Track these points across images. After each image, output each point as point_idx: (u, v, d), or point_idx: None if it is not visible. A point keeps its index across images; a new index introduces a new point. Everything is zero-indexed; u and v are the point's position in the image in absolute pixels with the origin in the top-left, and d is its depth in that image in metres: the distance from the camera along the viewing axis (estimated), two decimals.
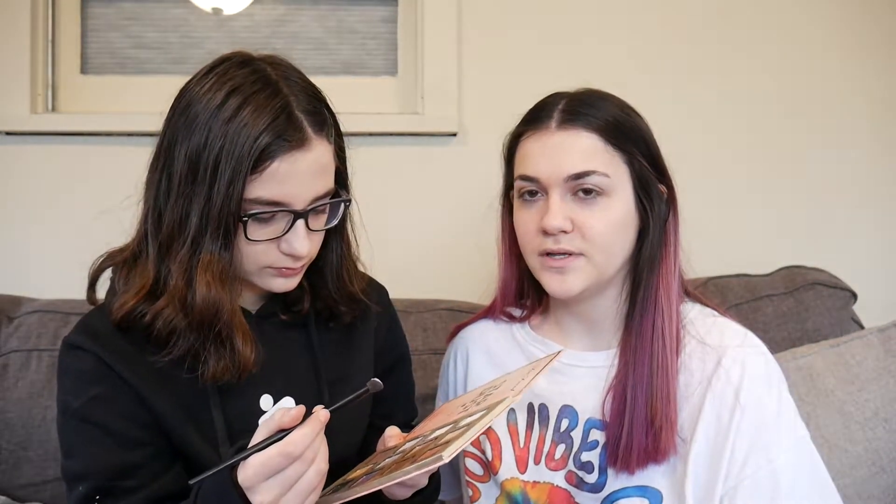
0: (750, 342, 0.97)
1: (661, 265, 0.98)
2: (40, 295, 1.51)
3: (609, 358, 1.00)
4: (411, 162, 1.71)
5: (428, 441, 0.82)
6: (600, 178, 0.95)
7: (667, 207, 1.00)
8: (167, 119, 0.90)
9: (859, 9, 1.76)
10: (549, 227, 0.94)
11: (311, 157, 0.86)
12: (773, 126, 1.74)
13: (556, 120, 0.97)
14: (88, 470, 0.87)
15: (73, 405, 0.88)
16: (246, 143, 0.82)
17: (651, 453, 0.92)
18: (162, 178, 0.88)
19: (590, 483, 0.97)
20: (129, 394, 0.89)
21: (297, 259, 0.89)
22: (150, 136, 0.94)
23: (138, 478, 0.87)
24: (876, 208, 1.76)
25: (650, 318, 0.96)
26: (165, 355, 0.88)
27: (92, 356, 0.89)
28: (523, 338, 1.09)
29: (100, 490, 0.86)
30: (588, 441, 0.98)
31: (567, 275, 0.96)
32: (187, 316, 0.86)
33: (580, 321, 1.04)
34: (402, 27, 1.77)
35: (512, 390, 0.85)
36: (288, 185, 0.85)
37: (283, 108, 0.85)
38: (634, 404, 0.93)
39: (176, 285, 0.86)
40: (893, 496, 1.22)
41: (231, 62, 0.89)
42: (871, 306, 1.53)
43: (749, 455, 0.90)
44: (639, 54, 1.73)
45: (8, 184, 1.67)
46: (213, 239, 0.84)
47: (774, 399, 0.93)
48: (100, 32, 1.77)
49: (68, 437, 0.90)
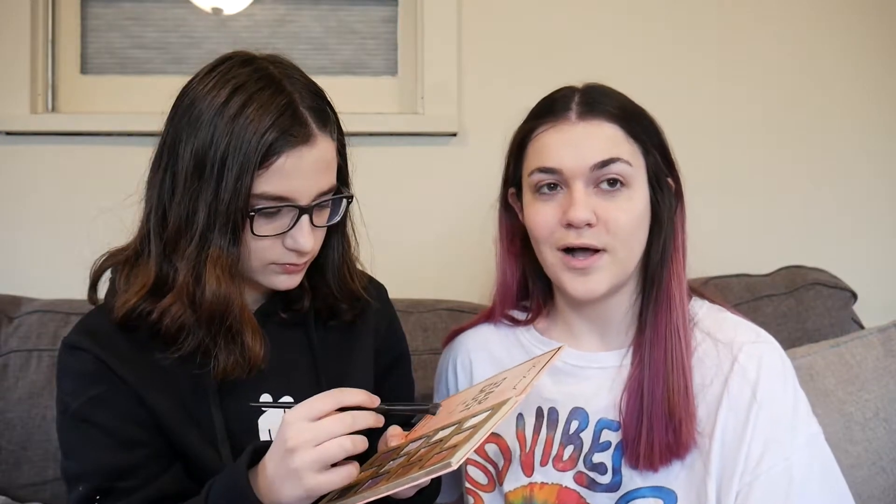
0: (765, 338, 0.97)
1: (673, 260, 0.97)
2: (40, 295, 1.51)
3: (620, 357, 0.99)
4: (411, 162, 1.71)
5: (433, 443, 0.81)
6: (624, 165, 0.94)
7: (675, 201, 0.99)
8: (169, 118, 0.90)
9: (861, 8, 1.76)
10: (576, 220, 0.92)
11: (316, 153, 0.87)
12: (773, 126, 1.74)
13: (576, 111, 0.96)
14: (87, 470, 0.87)
15: (72, 406, 0.88)
16: (253, 139, 0.83)
17: (673, 448, 0.91)
18: (166, 177, 0.89)
19: (604, 484, 0.95)
20: (128, 394, 0.89)
21: (301, 255, 0.90)
22: (151, 135, 0.94)
23: (138, 478, 0.87)
24: (876, 208, 1.76)
25: (664, 313, 0.95)
26: (174, 352, 0.88)
27: (91, 356, 0.89)
28: (529, 342, 1.06)
29: (99, 490, 0.86)
30: (600, 442, 0.97)
31: (591, 275, 0.94)
32: (196, 312, 0.87)
33: (591, 322, 1.02)
34: (402, 27, 1.77)
35: (514, 388, 0.83)
36: (293, 180, 0.86)
37: (287, 104, 0.86)
38: (652, 400, 0.92)
39: (184, 281, 0.86)
40: (893, 496, 1.22)
41: (233, 61, 0.90)
42: (871, 306, 1.53)
43: (765, 452, 0.89)
44: (639, 54, 1.73)
45: (8, 184, 1.67)
46: (221, 234, 0.85)
47: (790, 395, 0.93)
48: (100, 32, 1.77)
49: (68, 437, 0.90)
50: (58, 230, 1.67)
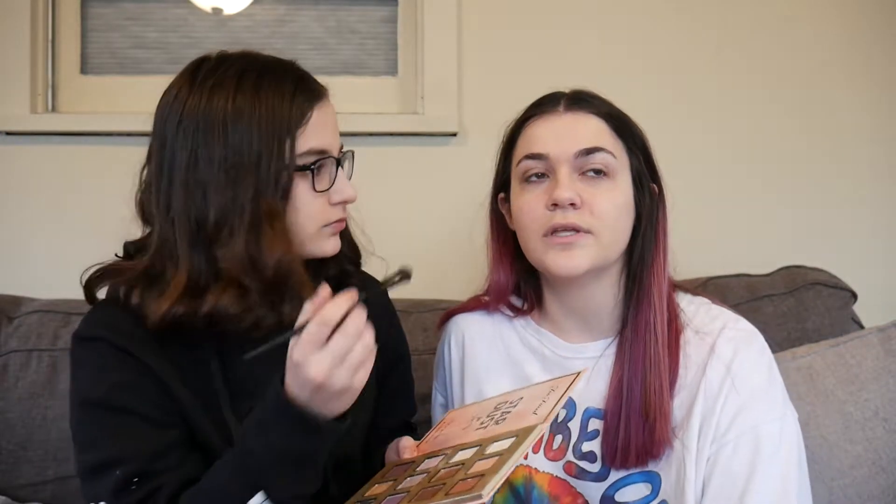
0: (743, 326, 1.00)
1: (654, 262, 0.99)
2: (40, 295, 1.51)
3: (603, 347, 1.01)
4: (411, 162, 1.71)
5: (454, 464, 0.81)
6: (608, 156, 0.97)
7: (657, 207, 1.01)
8: (171, 143, 0.90)
9: (860, 9, 1.76)
10: (560, 200, 0.94)
11: (332, 107, 0.96)
12: (774, 126, 1.74)
13: (564, 105, 1.00)
14: (122, 455, 0.85)
15: (94, 395, 0.87)
16: (283, 104, 0.89)
17: (649, 448, 0.93)
18: (189, 188, 0.88)
19: (593, 472, 0.97)
20: (153, 379, 0.89)
21: (345, 207, 0.97)
22: (150, 135, 0.94)
23: (172, 459, 0.87)
24: (876, 208, 1.76)
25: (644, 313, 0.98)
26: (232, 332, 0.88)
27: (108, 345, 0.89)
28: (524, 328, 1.09)
29: (137, 474, 0.85)
30: (588, 431, 0.99)
31: (574, 251, 0.95)
32: (258, 280, 0.87)
33: (574, 315, 1.04)
34: (402, 27, 1.77)
35: (535, 413, 0.84)
36: (326, 132, 0.93)
37: (295, 71, 0.94)
38: (631, 397, 0.95)
39: (239, 262, 0.87)
40: (893, 496, 1.22)
41: (211, 62, 0.93)
42: (871, 306, 1.52)
43: (735, 419, 0.92)
44: (639, 55, 1.73)
45: (8, 184, 1.67)
46: (273, 198, 0.88)
47: (765, 375, 0.96)
48: (100, 32, 1.77)
49: (90, 428, 0.88)
50: (58, 230, 1.67)
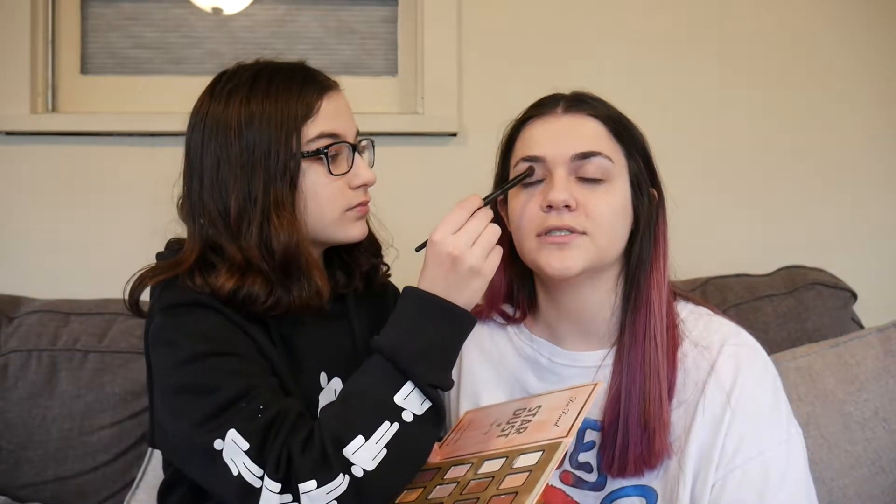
0: (744, 340, 0.97)
1: (653, 267, 0.98)
2: (40, 295, 1.51)
3: (600, 358, 0.99)
4: (411, 162, 1.72)
5: (482, 475, 0.84)
6: (605, 160, 0.95)
7: (657, 212, 1.00)
8: (197, 149, 0.97)
9: (860, 9, 1.76)
10: (555, 201, 0.92)
11: (344, 98, 1.01)
12: (774, 126, 1.74)
13: (563, 107, 0.99)
14: (247, 389, 0.87)
15: (202, 348, 0.89)
16: (291, 98, 0.95)
17: (646, 458, 0.92)
18: (219, 186, 0.95)
19: (590, 482, 0.97)
20: (248, 339, 0.94)
21: (366, 190, 1.02)
22: (151, 135, 0.94)
23: (280, 395, 0.91)
24: (876, 208, 1.76)
25: (643, 319, 0.96)
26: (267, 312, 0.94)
27: (206, 308, 0.93)
28: (518, 337, 1.07)
29: (262, 403, 0.86)
30: (584, 441, 0.98)
31: (568, 251, 0.93)
32: (271, 265, 0.94)
33: (570, 321, 1.02)
34: (402, 27, 1.77)
35: (557, 426, 0.86)
36: (339, 119, 0.99)
37: (303, 69, 1.00)
38: (629, 406, 0.93)
39: (257, 247, 0.94)
40: (893, 496, 1.22)
41: (226, 75, 0.99)
42: (871, 306, 1.52)
43: (740, 445, 0.90)
44: (639, 55, 1.73)
45: (8, 184, 1.67)
46: (281, 187, 0.94)
47: (769, 394, 0.93)
48: (100, 32, 1.77)
49: (206, 376, 0.88)
50: (58, 230, 1.67)
